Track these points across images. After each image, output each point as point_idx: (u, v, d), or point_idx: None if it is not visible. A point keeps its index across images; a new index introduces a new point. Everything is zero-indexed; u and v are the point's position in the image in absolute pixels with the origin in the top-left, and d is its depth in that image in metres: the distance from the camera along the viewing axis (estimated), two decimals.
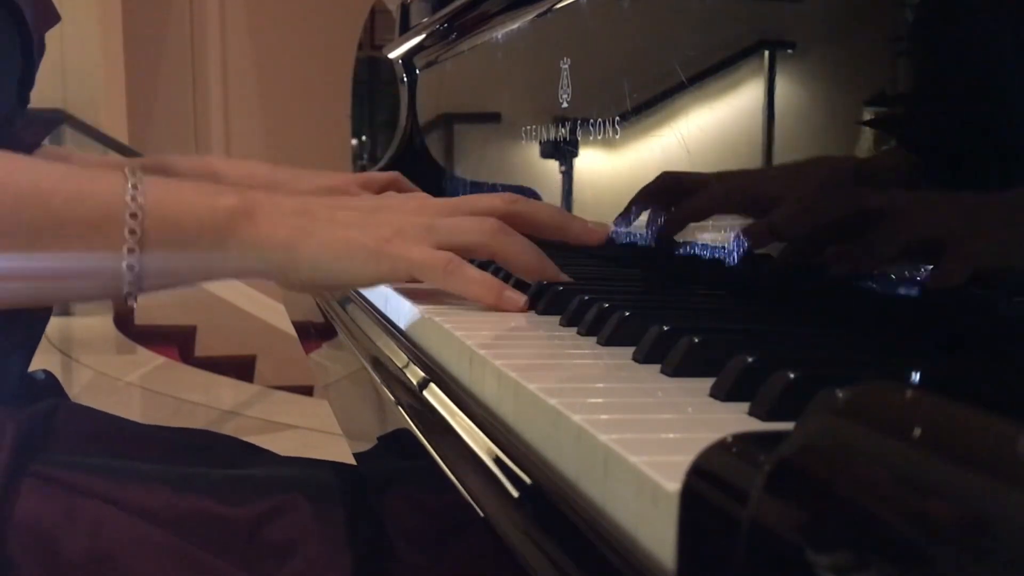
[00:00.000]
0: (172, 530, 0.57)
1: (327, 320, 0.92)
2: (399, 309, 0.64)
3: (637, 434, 0.32)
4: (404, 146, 1.36)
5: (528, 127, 0.90)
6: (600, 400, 0.37)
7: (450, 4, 1.16)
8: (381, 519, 0.63)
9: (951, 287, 0.41)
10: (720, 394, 0.37)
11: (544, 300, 0.59)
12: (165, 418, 3.16)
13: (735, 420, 0.34)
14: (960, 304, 0.40)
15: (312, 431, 2.96)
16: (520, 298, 0.60)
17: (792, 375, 0.34)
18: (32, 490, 0.57)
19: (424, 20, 1.31)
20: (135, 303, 0.59)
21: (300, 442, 2.85)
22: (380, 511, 0.64)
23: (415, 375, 0.52)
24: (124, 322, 4.40)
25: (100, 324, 4.41)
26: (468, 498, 0.40)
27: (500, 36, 0.98)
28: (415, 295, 0.64)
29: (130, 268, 0.56)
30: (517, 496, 0.36)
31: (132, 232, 0.56)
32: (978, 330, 0.40)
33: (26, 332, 0.78)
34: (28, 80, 0.75)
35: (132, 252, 0.56)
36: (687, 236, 0.63)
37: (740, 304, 0.59)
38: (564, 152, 0.83)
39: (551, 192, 0.87)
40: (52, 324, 0.81)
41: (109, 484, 0.58)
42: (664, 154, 0.66)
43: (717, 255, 0.58)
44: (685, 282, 0.64)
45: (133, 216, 0.56)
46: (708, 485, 0.25)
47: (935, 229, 0.42)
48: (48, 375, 0.80)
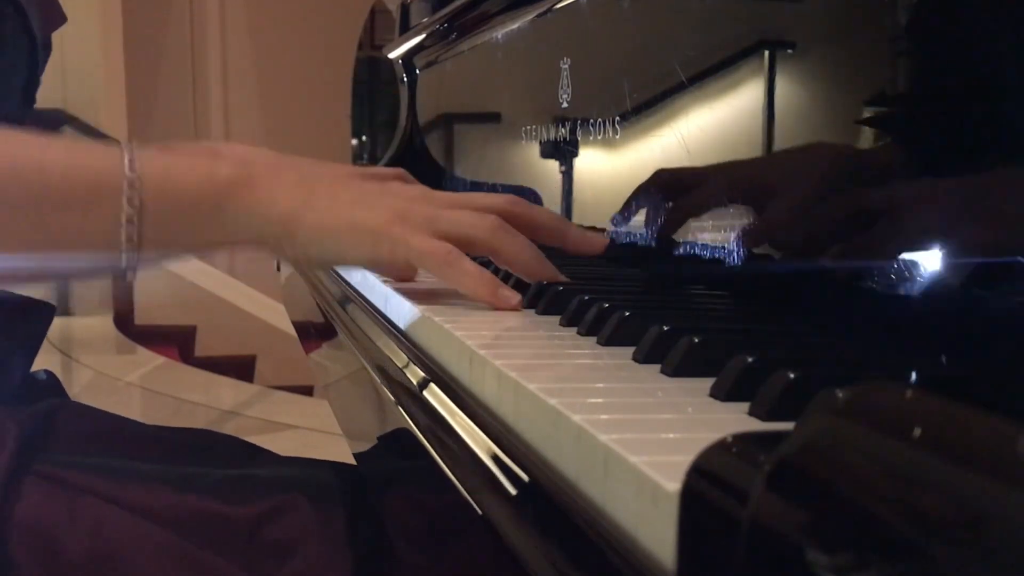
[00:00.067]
0: (173, 529, 0.57)
1: (327, 320, 0.92)
2: (399, 309, 0.64)
3: (637, 434, 0.32)
4: (404, 146, 1.36)
5: (528, 127, 0.90)
6: (600, 400, 0.37)
7: (450, 4, 1.16)
8: (381, 519, 0.63)
9: (951, 286, 0.41)
10: (720, 394, 0.37)
11: (544, 300, 0.59)
12: (165, 418, 3.16)
13: (735, 420, 0.34)
14: (960, 304, 0.41)
15: (312, 431, 2.96)
16: (515, 296, 0.59)
17: (792, 375, 0.34)
18: (33, 489, 0.57)
19: (424, 20, 1.32)
20: (134, 277, 0.58)
21: (300, 442, 2.85)
22: (380, 511, 0.64)
23: (415, 375, 0.52)
24: (124, 322, 4.40)
25: (100, 324, 4.40)
26: (468, 498, 0.40)
27: (500, 36, 0.98)
28: (415, 295, 0.64)
29: (129, 239, 0.56)
30: (517, 496, 0.36)
31: (131, 201, 0.55)
32: (978, 330, 0.40)
33: (29, 333, 0.78)
34: (33, 80, 0.75)
35: (131, 222, 0.56)
36: (686, 236, 0.63)
37: (740, 304, 0.59)
38: (564, 152, 0.83)
39: (551, 192, 0.87)
40: (52, 324, 0.81)
41: (110, 484, 0.58)
42: (664, 154, 0.66)
43: (717, 255, 0.58)
44: (685, 282, 0.64)
45: (131, 185, 0.55)
46: (708, 485, 0.25)
47: (935, 228, 0.42)
48: (49, 375, 0.80)
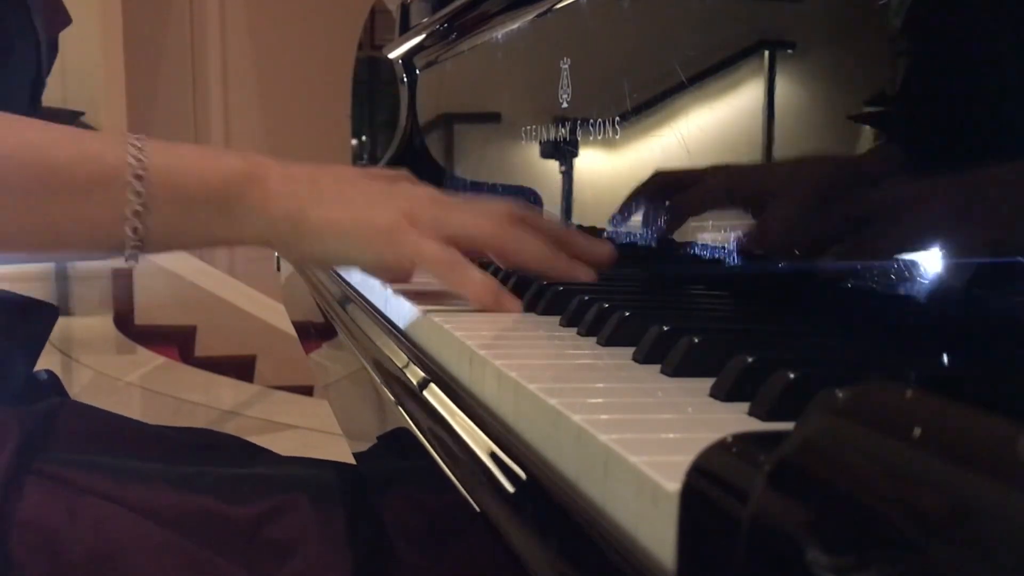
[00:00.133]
0: (174, 529, 0.57)
1: (327, 320, 0.92)
2: (399, 309, 0.64)
3: (637, 434, 0.32)
4: (404, 146, 1.36)
5: (528, 127, 0.90)
6: (600, 400, 0.37)
7: (450, 4, 1.16)
8: (381, 519, 0.63)
9: (951, 286, 0.41)
10: (720, 394, 0.37)
11: (544, 300, 0.59)
12: (165, 418, 3.15)
13: (735, 420, 0.34)
14: (960, 304, 0.41)
15: (312, 431, 2.96)
16: (516, 303, 0.60)
17: (792, 375, 0.34)
18: (35, 489, 0.57)
19: (424, 20, 1.31)
20: (135, 263, 0.58)
21: (300, 442, 2.85)
22: (380, 511, 0.64)
23: (415, 375, 0.52)
24: (124, 322, 4.40)
25: (100, 324, 4.40)
26: (468, 498, 0.40)
27: (500, 36, 0.98)
28: (415, 295, 0.64)
29: (134, 230, 0.56)
30: (517, 496, 0.36)
31: (137, 193, 0.55)
32: (978, 330, 0.40)
33: (31, 333, 0.78)
34: (39, 81, 0.75)
35: (137, 214, 0.56)
36: (686, 236, 0.63)
37: (740, 304, 0.59)
38: (564, 152, 0.83)
39: (551, 192, 0.87)
40: None
41: (111, 483, 0.58)
42: (664, 154, 0.66)
43: (717, 255, 0.58)
44: (685, 282, 0.64)
45: (138, 177, 0.55)
46: (708, 485, 0.25)
47: (934, 227, 0.42)
48: (51, 375, 0.80)
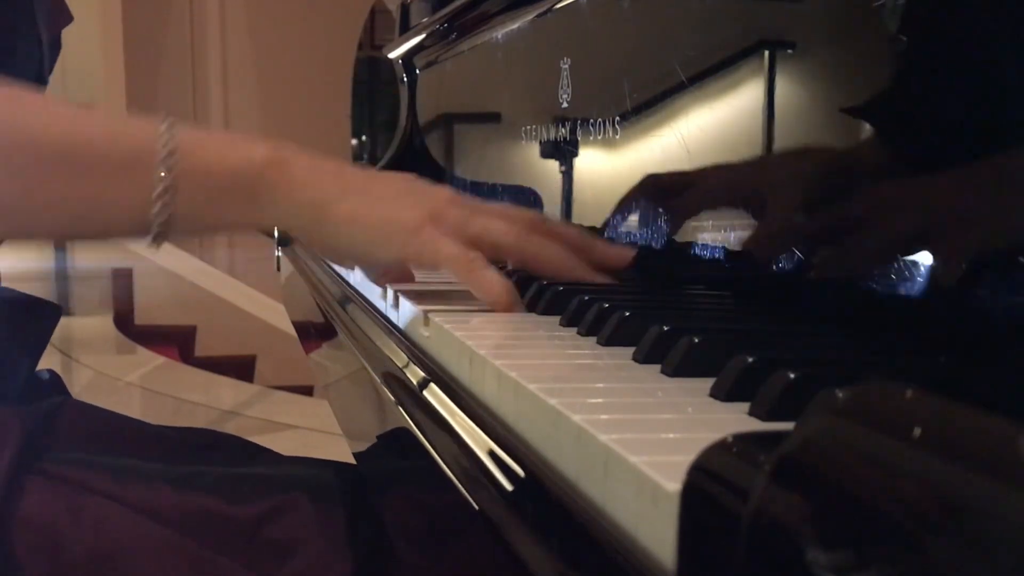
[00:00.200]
0: (175, 528, 0.57)
1: (327, 320, 0.92)
2: (399, 309, 0.64)
3: (637, 434, 0.32)
4: (404, 146, 1.36)
5: (528, 127, 0.90)
6: (600, 400, 0.37)
7: (450, 4, 1.16)
8: (381, 519, 0.63)
9: (950, 286, 0.41)
10: (720, 394, 0.37)
11: (544, 300, 0.59)
12: (165, 418, 3.15)
13: (735, 420, 0.34)
14: (960, 304, 0.41)
15: (312, 431, 2.96)
16: (522, 307, 0.60)
17: (792, 375, 0.34)
18: (36, 488, 0.57)
19: (424, 20, 1.32)
20: (158, 247, 0.58)
21: (300, 442, 2.85)
22: (380, 511, 0.64)
23: (415, 375, 0.52)
24: (124, 322, 4.39)
25: (100, 324, 4.39)
26: (468, 497, 0.40)
27: (500, 36, 0.98)
28: (415, 295, 0.64)
29: (161, 212, 0.56)
30: (517, 496, 0.36)
31: (166, 174, 0.55)
32: (978, 330, 0.40)
33: (34, 333, 0.78)
34: (42, 79, 0.75)
35: (163, 196, 0.56)
36: (686, 236, 0.63)
37: (740, 304, 0.59)
38: (564, 152, 0.83)
39: (551, 192, 0.87)
40: None
41: (112, 482, 0.58)
42: (664, 154, 0.66)
43: (717, 255, 0.58)
44: (685, 282, 0.64)
45: (167, 159, 0.55)
46: (708, 485, 0.25)
47: (934, 227, 0.42)
48: (52, 374, 0.80)
